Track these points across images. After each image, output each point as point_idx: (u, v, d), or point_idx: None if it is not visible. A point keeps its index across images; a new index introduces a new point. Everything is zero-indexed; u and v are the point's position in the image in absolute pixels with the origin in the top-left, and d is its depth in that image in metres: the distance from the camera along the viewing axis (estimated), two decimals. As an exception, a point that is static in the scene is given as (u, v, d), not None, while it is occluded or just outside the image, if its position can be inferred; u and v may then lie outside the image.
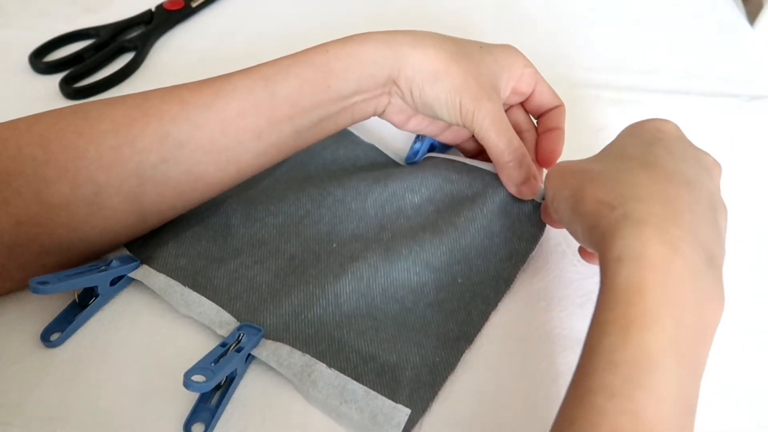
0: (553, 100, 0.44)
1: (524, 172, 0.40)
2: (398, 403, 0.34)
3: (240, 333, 0.36)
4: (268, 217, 0.43)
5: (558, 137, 0.43)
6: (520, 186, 0.41)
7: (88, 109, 0.38)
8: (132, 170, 0.36)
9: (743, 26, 0.66)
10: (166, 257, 0.40)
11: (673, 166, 0.31)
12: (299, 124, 0.39)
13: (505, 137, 0.39)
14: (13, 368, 0.36)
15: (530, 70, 0.42)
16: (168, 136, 0.37)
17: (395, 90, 0.41)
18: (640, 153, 0.32)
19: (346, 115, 0.41)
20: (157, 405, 0.35)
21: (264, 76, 0.38)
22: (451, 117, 0.40)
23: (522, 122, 0.44)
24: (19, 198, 0.35)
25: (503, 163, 0.40)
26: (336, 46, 0.39)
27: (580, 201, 0.31)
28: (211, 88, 0.38)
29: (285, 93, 0.38)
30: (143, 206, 0.38)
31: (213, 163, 0.38)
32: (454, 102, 0.39)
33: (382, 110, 0.42)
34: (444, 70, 0.39)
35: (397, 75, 0.39)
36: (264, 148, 0.39)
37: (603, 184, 0.31)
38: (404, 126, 0.44)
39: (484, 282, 0.40)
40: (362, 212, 0.43)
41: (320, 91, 0.39)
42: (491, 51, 0.41)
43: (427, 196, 0.43)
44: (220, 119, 0.37)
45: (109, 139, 0.36)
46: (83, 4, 0.65)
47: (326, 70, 0.39)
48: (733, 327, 0.33)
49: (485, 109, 0.39)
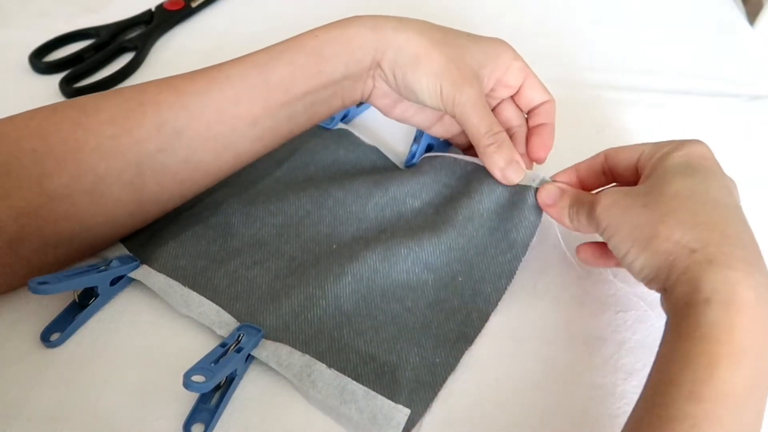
0: (542, 95, 0.44)
1: (506, 154, 0.40)
2: (398, 404, 0.34)
3: (240, 333, 0.36)
4: (268, 217, 0.43)
5: (548, 132, 0.43)
6: (504, 170, 0.40)
7: (84, 101, 0.38)
8: (131, 160, 0.37)
9: (743, 26, 0.66)
10: (166, 257, 0.40)
11: (735, 205, 0.33)
12: (293, 109, 0.40)
13: (485, 121, 0.40)
14: (13, 368, 0.36)
15: (519, 63, 0.42)
16: (165, 125, 0.37)
17: (379, 73, 0.41)
18: (699, 189, 0.33)
19: (336, 99, 0.42)
20: (156, 405, 0.35)
21: (257, 64, 0.39)
22: (432, 101, 0.40)
23: (513, 117, 0.44)
24: (19, 190, 0.35)
25: (484, 147, 0.40)
26: (324, 30, 0.40)
27: (651, 240, 0.32)
28: (205, 77, 0.39)
29: (278, 79, 0.39)
30: (143, 196, 0.38)
31: (210, 150, 0.39)
32: (435, 86, 0.39)
33: (369, 94, 0.43)
34: (426, 54, 0.39)
35: (380, 58, 0.40)
36: (259, 133, 0.40)
37: (677, 225, 0.31)
38: (391, 112, 0.44)
39: (485, 279, 0.40)
40: (362, 215, 0.43)
41: (311, 76, 0.39)
42: (478, 41, 0.42)
43: (427, 200, 0.43)
44: (215, 107, 0.38)
45: (107, 129, 0.37)
46: (83, 4, 0.65)
47: (316, 56, 0.39)
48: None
49: (466, 94, 0.39)
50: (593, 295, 0.41)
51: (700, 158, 0.35)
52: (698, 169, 0.34)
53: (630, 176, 0.38)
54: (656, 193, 0.34)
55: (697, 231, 0.31)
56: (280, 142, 0.42)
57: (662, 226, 0.32)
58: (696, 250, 0.30)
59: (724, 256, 0.30)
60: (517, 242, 0.40)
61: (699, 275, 0.30)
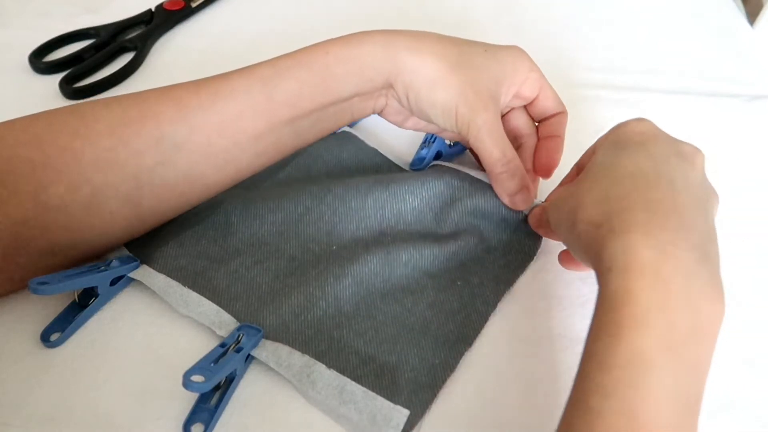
0: (556, 106, 0.43)
1: (517, 182, 0.40)
2: (397, 405, 0.34)
3: (239, 333, 0.36)
4: (267, 215, 0.43)
5: (557, 146, 0.43)
6: (514, 196, 0.41)
7: (84, 109, 0.37)
8: (129, 173, 0.36)
9: (743, 26, 0.66)
10: (166, 257, 0.40)
11: (653, 170, 0.32)
12: (298, 125, 0.39)
13: (499, 147, 0.39)
14: (13, 368, 0.36)
15: (535, 74, 0.42)
16: (164, 139, 0.36)
17: (392, 93, 0.40)
18: (622, 163, 0.33)
19: (345, 114, 0.41)
20: (156, 405, 0.35)
21: (262, 78, 0.38)
22: (446, 124, 0.40)
23: (523, 126, 0.44)
24: (16, 199, 0.35)
25: (496, 174, 0.40)
26: (335, 47, 0.39)
27: (573, 226, 0.32)
28: (208, 90, 0.38)
29: (284, 96, 0.38)
30: (141, 209, 0.38)
31: (211, 165, 0.38)
32: (450, 111, 0.39)
33: (381, 110, 0.42)
34: (442, 79, 0.38)
35: (394, 80, 0.39)
36: (263, 148, 0.39)
37: (591, 205, 0.32)
38: (403, 125, 0.44)
39: (483, 284, 0.40)
40: (362, 213, 0.43)
41: (319, 94, 0.38)
42: (496, 55, 0.41)
43: (427, 200, 0.43)
44: (217, 121, 0.37)
45: (104, 140, 0.36)
46: (83, 4, 0.65)
47: (325, 74, 0.38)
48: (734, 327, 0.33)
49: (481, 119, 0.39)
50: (593, 295, 0.41)
51: (632, 134, 0.34)
52: (624, 145, 0.34)
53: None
54: (581, 178, 0.34)
55: (604, 205, 0.31)
56: (284, 155, 0.41)
57: (579, 210, 0.32)
58: (601, 224, 0.30)
59: (624, 223, 0.29)
60: (515, 262, 0.41)
61: (602, 247, 0.29)
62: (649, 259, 0.27)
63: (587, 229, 0.31)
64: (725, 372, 0.37)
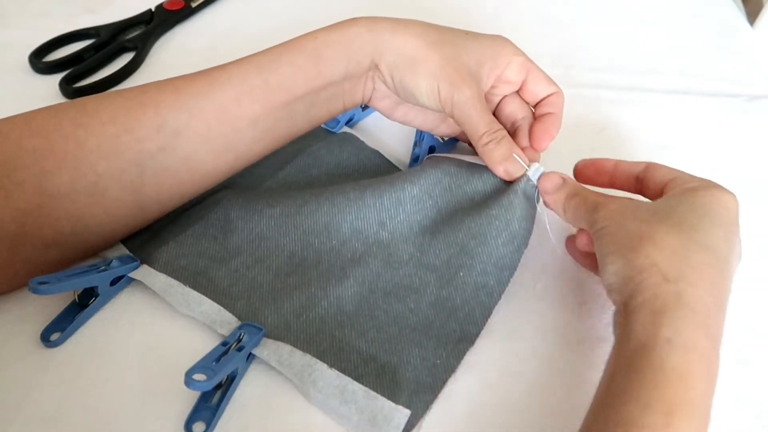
0: (548, 87, 0.43)
1: (504, 149, 0.40)
2: (398, 404, 0.34)
3: (241, 332, 0.36)
4: (266, 209, 0.43)
5: (552, 120, 0.43)
6: (504, 164, 0.40)
7: (85, 102, 0.38)
8: (131, 159, 0.37)
9: (743, 26, 0.66)
10: (166, 257, 0.40)
11: (725, 259, 0.33)
12: (293, 110, 0.40)
13: (483, 120, 0.40)
14: (13, 368, 0.36)
15: (520, 58, 0.42)
16: (165, 125, 0.37)
17: (378, 75, 0.41)
18: (703, 230, 0.33)
19: (337, 100, 0.42)
20: (157, 404, 0.35)
21: (257, 64, 0.39)
22: (430, 103, 0.40)
23: (517, 110, 0.44)
24: (20, 190, 0.35)
25: (482, 145, 0.40)
26: (323, 32, 0.40)
27: (633, 250, 0.32)
28: (206, 78, 0.39)
29: (278, 80, 0.39)
30: (143, 196, 0.38)
31: (210, 151, 0.39)
32: (432, 88, 0.39)
33: (369, 96, 0.43)
34: (423, 56, 0.39)
35: (378, 60, 0.40)
36: (260, 134, 0.40)
37: (663, 249, 0.32)
38: (392, 114, 0.44)
39: (487, 271, 0.39)
40: (360, 202, 0.42)
41: (311, 77, 0.40)
42: (477, 39, 0.42)
43: (426, 188, 0.42)
44: (215, 107, 0.38)
45: (107, 128, 0.37)
46: (83, 4, 0.65)
47: (316, 57, 0.40)
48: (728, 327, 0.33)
49: (463, 95, 0.39)
50: (593, 295, 0.41)
51: (721, 207, 0.35)
52: (713, 215, 0.34)
53: (655, 194, 0.38)
54: (662, 215, 0.34)
55: (677, 263, 0.31)
56: (280, 144, 0.42)
57: (648, 243, 0.32)
58: (670, 280, 0.31)
59: (695, 298, 0.30)
60: (519, 234, 0.40)
61: (665, 308, 0.30)
62: (707, 348, 0.29)
63: (650, 269, 0.31)
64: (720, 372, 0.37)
